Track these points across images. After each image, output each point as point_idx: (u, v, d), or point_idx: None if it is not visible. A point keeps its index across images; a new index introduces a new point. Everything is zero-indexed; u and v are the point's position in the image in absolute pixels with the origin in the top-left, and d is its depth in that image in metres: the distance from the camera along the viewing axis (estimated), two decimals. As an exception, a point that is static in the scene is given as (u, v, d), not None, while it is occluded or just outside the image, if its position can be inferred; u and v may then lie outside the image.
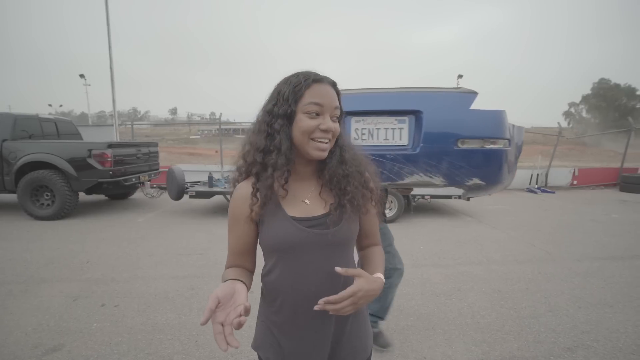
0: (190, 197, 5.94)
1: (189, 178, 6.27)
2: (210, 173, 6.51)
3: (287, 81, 0.81)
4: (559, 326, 2.48)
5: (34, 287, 3.07)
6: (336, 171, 0.86)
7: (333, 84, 0.84)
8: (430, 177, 1.76)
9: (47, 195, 5.62)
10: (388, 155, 1.72)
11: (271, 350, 0.90)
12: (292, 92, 0.79)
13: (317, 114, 0.79)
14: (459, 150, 1.72)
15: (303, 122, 0.79)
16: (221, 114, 10.54)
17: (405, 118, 1.75)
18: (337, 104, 0.83)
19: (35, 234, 4.82)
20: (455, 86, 1.81)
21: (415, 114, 1.75)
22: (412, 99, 1.77)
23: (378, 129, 1.78)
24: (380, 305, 2.18)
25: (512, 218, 6.00)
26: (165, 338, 2.32)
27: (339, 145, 0.88)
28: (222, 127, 11.17)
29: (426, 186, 1.84)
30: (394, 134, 1.78)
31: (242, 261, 0.90)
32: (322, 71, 0.84)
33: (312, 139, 0.80)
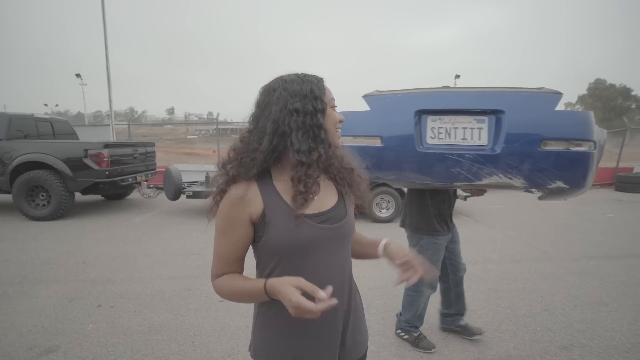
0: (188, 197, 5.92)
1: (186, 178, 6.25)
2: (207, 173, 6.49)
3: (301, 80, 0.82)
4: (555, 325, 2.50)
5: (29, 288, 3.05)
6: (341, 164, 0.91)
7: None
8: (511, 178, 1.71)
9: (42, 196, 5.59)
10: (467, 155, 1.68)
11: (276, 356, 0.87)
12: (319, 89, 0.83)
13: (334, 107, 0.88)
14: (543, 152, 1.66)
15: (333, 115, 0.86)
16: (218, 113, 10.52)
17: (485, 118, 1.71)
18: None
19: (30, 234, 4.78)
20: (538, 87, 1.76)
21: (496, 113, 1.70)
22: (493, 98, 1.73)
23: (455, 128, 1.74)
24: (412, 313, 2.22)
25: (509, 218, 6.03)
26: (161, 339, 2.31)
27: None
28: (220, 126, 11.14)
29: (505, 188, 1.79)
30: (473, 133, 1.73)
31: (235, 268, 0.86)
32: (319, 71, 0.87)
33: (336, 130, 0.87)
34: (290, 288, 0.71)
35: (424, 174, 1.77)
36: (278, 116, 0.79)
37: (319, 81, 0.85)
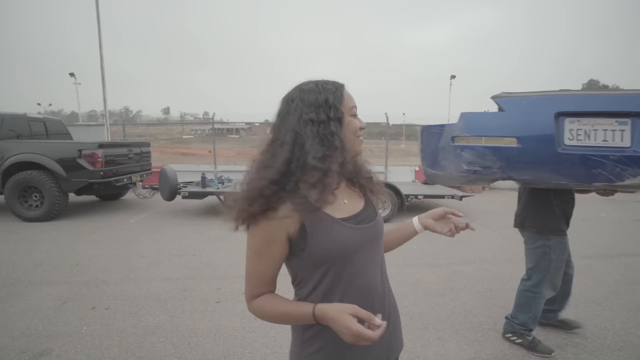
0: (183, 197, 5.88)
1: (181, 178, 6.21)
2: (203, 173, 6.46)
3: (318, 89, 0.82)
4: (549, 324, 2.51)
5: (22, 291, 3.01)
6: (359, 162, 0.93)
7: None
8: None
9: (35, 197, 5.52)
10: (611, 157, 1.70)
11: None
12: (336, 98, 0.83)
13: (355, 115, 0.88)
14: None
15: (352, 123, 0.85)
16: (214, 113, 10.48)
17: (628, 120, 1.72)
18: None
19: (23, 235, 4.73)
20: None
21: None
22: (637, 100, 1.75)
23: (595, 130, 1.76)
24: (529, 316, 2.20)
25: (504, 217, 6.06)
26: (157, 341, 2.29)
27: None
28: (216, 126, 11.09)
29: None
30: (614, 135, 1.75)
31: (270, 287, 0.84)
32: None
33: (357, 138, 0.87)
34: (346, 316, 0.70)
35: (562, 175, 1.79)
36: (295, 126, 0.80)
37: (337, 89, 0.84)
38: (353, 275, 0.83)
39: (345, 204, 0.87)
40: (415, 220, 1.04)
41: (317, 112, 0.80)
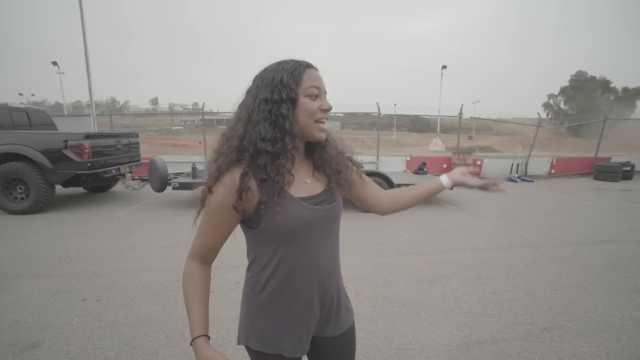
0: (174, 188, 5.81)
1: (171, 169, 6.12)
2: (193, 164, 6.38)
3: (278, 69, 0.83)
4: (537, 308, 2.59)
5: (9, 284, 2.95)
6: (332, 154, 0.93)
7: (314, 67, 0.89)
8: None
9: (20, 189, 5.38)
10: None
11: (286, 337, 0.90)
12: (292, 78, 0.81)
13: (316, 96, 0.84)
14: None
15: (308, 104, 0.82)
16: (204, 103, 10.28)
17: None
18: (324, 87, 0.88)
19: (9, 229, 4.62)
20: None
21: None
22: None
23: None
24: None
25: (494, 206, 6.17)
26: (150, 331, 2.28)
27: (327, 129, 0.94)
28: (206, 117, 10.93)
29: None
30: None
31: (211, 256, 0.89)
32: (303, 57, 0.87)
33: (316, 121, 0.84)
34: (213, 355, 0.80)
35: None
36: (250, 104, 0.83)
37: (296, 68, 0.82)
38: (302, 252, 0.86)
39: (307, 184, 0.89)
40: (443, 176, 1.06)
41: (271, 92, 0.81)
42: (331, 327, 0.97)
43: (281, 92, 0.80)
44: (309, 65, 0.85)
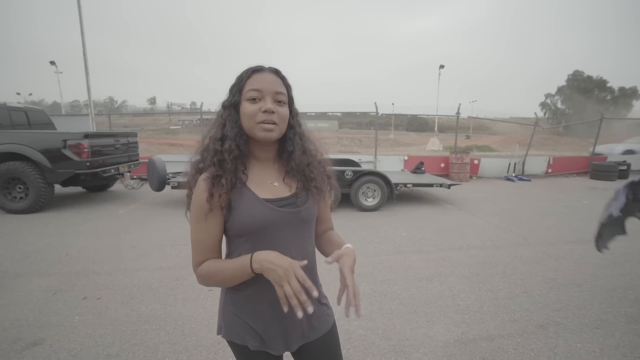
0: (173, 188, 5.83)
1: (170, 169, 6.13)
2: (192, 164, 6.38)
3: (239, 74, 0.91)
4: (533, 306, 2.63)
5: (10, 282, 2.97)
6: (301, 160, 0.94)
7: (276, 72, 0.91)
8: None
9: (19, 188, 5.38)
10: None
11: (245, 333, 0.93)
12: (237, 84, 0.89)
13: (259, 99, 0.86)
14: None
15: (246, 108, 0.86)
16: (202, 103, 10.27)
17: None
18: (280, 89, 0.88)
19: (8, 228, 4.62)
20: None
21: None
22: None
23: None
24: None
25: (491, 205, 6.22)
26: (150, 328, 2.31)
27: (299, 134, 0.96)
28: (204, 116, 10.92)
29: None
30: None
31: (213, 255, 0.90)
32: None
33: (259, 123, 0.86)
34: (279, 254, 0.81)
35: None
36: (219, 108, 0.92)
37: (243, 75, 0.88)
38: (271, 250, 0.86)
39: (275, 186, 0.92)
40: (343, 248, 0.91)
41: (228, 97, 0.90)
42: (307, 331, 0.97)
43: (229, 98, 0.90)
44: (255, 70, 0.88)
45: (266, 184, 0.91)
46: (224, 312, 0.97)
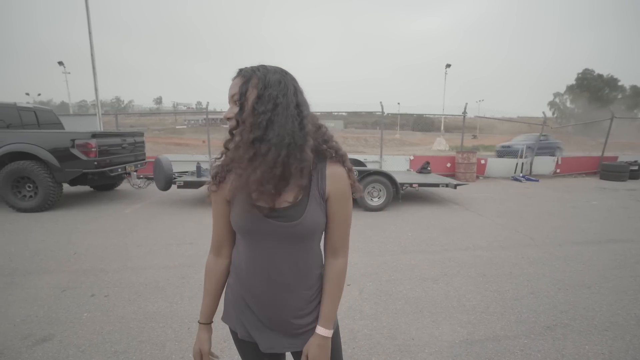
0: (179, 187, 5.87)
1: (176, 168, 6.18)
2: (198, 163, 6.43)
3: None
4: (540, 307, 2.60)
5: (20, 279, 3.02)
6: (300, 157, 0.83)
7: (239, 73, 0.85)
8: None
9: (29, 187, 5.47)
10: None
11: (238, 320, 0.99)
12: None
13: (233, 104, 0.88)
14: None
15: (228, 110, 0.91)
16: (208, 102, 10.32)
17: None
18: (234, 90, 0.84)
19: (18, 226, 4.70)
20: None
21: None
22: None
23: None
24: None
25: (498, 205, 6.16)
26: (157, 326, 2.33)
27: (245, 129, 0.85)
28: (210, 116, 10.98)
29: None
30: None
31: (223, 248, 1.00)
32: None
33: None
34: (204, 340, 1.02)
35: None
36: None
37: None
38: (254, 254, 0.91)
39: (279, 194, 0.85)
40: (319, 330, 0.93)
41: None
42: (291, 341, 0.95)
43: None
44: (236, 76, 0.86)
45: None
46: (224, 296, 1.04)
